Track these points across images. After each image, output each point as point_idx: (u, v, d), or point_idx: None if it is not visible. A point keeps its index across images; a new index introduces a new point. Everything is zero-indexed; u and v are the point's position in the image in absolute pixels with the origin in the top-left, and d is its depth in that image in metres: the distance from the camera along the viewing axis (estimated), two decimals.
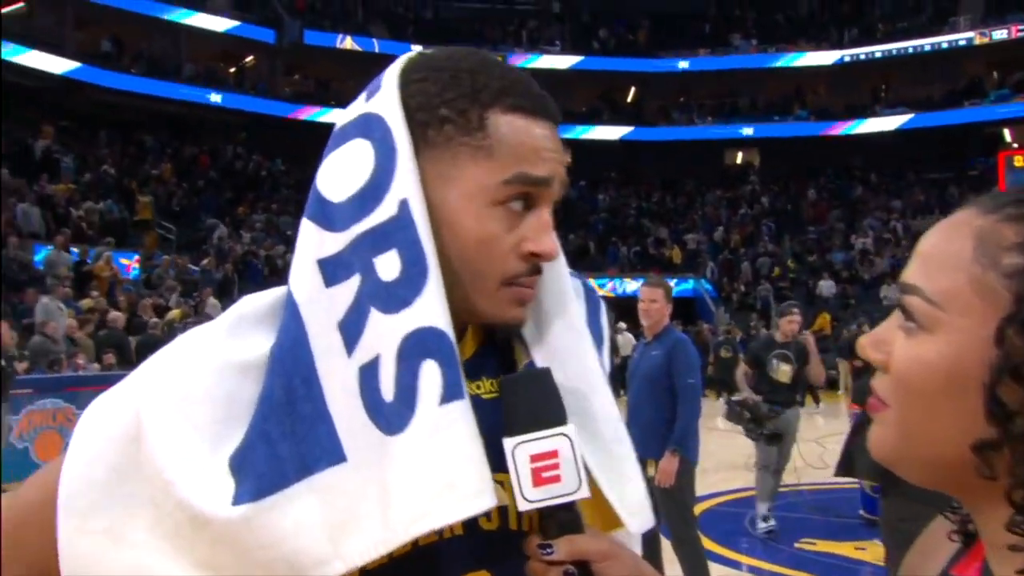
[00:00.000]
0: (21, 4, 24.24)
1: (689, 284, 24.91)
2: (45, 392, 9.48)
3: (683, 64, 30.69)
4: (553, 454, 0.73)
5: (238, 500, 0.70)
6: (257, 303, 0.83)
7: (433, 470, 0.71)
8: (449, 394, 0.73)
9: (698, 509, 6.04)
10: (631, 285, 22.00)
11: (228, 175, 25.29)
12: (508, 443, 0.73)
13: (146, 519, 0.72)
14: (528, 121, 0.81)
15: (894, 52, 28.77)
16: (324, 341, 0.76)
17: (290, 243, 14.73)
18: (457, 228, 0.79)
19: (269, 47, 28.44)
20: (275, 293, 0.83)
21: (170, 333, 12.31)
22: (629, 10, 32.93)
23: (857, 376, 16.50)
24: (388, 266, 0.75)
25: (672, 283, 24.43)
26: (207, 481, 0.71)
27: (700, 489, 5.38)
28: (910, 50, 28.42)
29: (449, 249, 0.79)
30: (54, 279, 13.51)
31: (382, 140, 0.79)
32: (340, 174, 0.80)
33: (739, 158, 32.67)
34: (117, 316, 12.29)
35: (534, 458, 0.73)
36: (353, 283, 0.76)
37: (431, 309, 0.74)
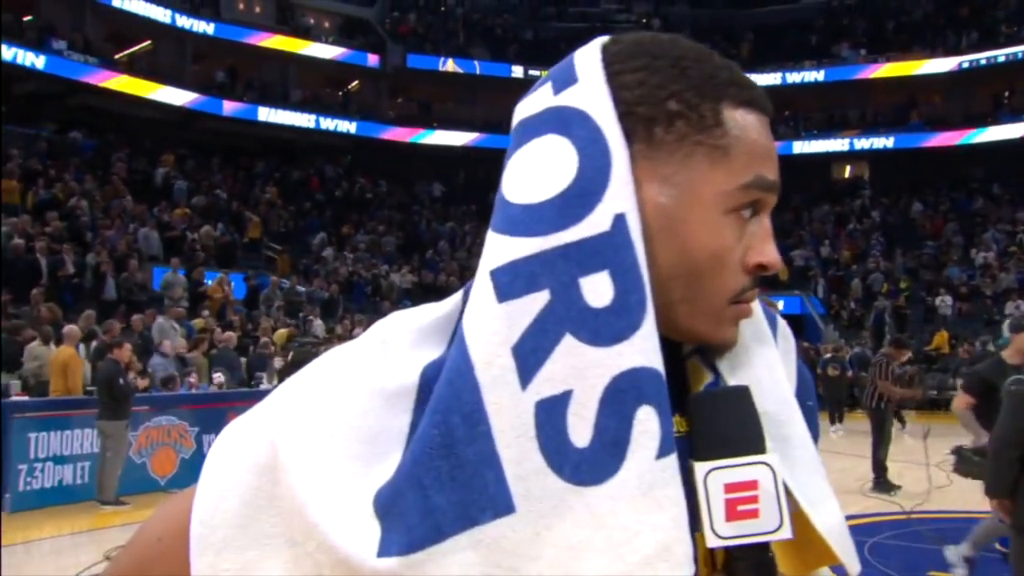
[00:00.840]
0: (147, 42, 25.70)
1: (796, 301, 24.17)
2: (162, 409, 9.87)
3: (788, 77, 29.94)
4: (752, 485, 0.63)
5: (384, 551, 0.62)
6: (412, 318, 0.74)
7: (646, 532, 0.62)
8: (666, 447, 0.63)
9: None
10: None
11: (333, 197, 26.03)
12: (700, 468, 0.64)
13: (283, 560, 0.65)
14: (757, 117, 0.72)
15: (1020, 55, 27.28)
16: (493, 368, 0.64)
17: (393, 263, 15.12)
18: (689, 240, 0.69)
19: (373, 71, 29.22)
20: (429, 312, 0.75)
21: (281, 353, 12.68)
22: (731, 23, 32.40)
23: None
24: (597, 290, 0.65)
25: (779, 301, 23.80)
26: (353, 524, 0.63)
27: None
28: None
29: (675, 265, 0.69)
30: (170, 300, 14.12)
31: (589, 140, 0.68)
32: (527, 173, 0.69)
33: (847, 172, 31.58)
34: (228, 336, 12.72)
35: (729, 488, 0.63)
36: (537, 300, 0.65)
37: (650, 347, 0.64)
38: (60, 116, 21.65)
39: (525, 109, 0.73)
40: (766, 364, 0.77)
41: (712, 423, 0.66)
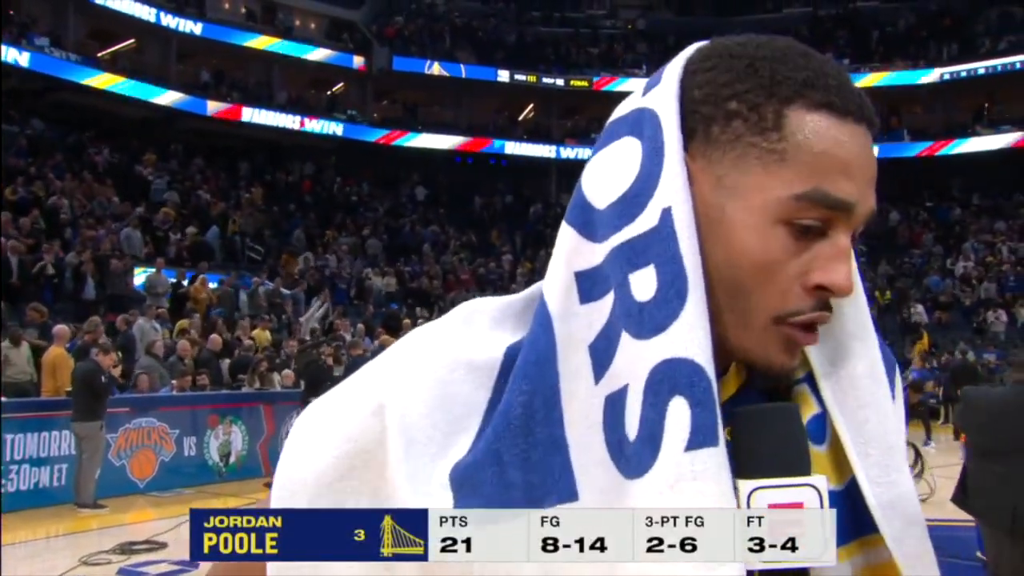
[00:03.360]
0: (131, 40, 25.50)
1: None
2: (141, 411, 9.75)
3: None
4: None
5: None
6: (492, 302, 0.76)
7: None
8: (697, 439, 0.61)
9: None
10: None
11: (317, 199, 25.91)
12: (744, 486, 0.62)
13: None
14: (836, 124, 0.66)
15: (999, 68, 27.61)
16: (572, 361, 0.67)
17: (375, 266, 14.98)
18: (733, 245, 0.66)
19: (359, 74, 29.12)
20: (511, 297, 0.77)
21: (263, 354, 12.55)
22: (715, 31, 32.30)
23: None
24: (643, 284, 0.65)
25: None
26: (424, 495, 0.64)
27: None
28: (1017, 65, 27.20)
29: (720, 270, 0.66)
30: (153, 300, 13.97)
31: (652, 138, 0.68)
32: (604, 177, 0.70)
33: None
34: (214, 338, 12.58)
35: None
36: (608, 301, 0.67)
37: (688, 338, 0.62)
38: (41, 113, 21.42)
39: (618, 110, 0.74)
40: (871, 394, 0.72)
41: (759, 440, 0.64)
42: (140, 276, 15.58)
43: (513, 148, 29.92)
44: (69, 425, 8.59)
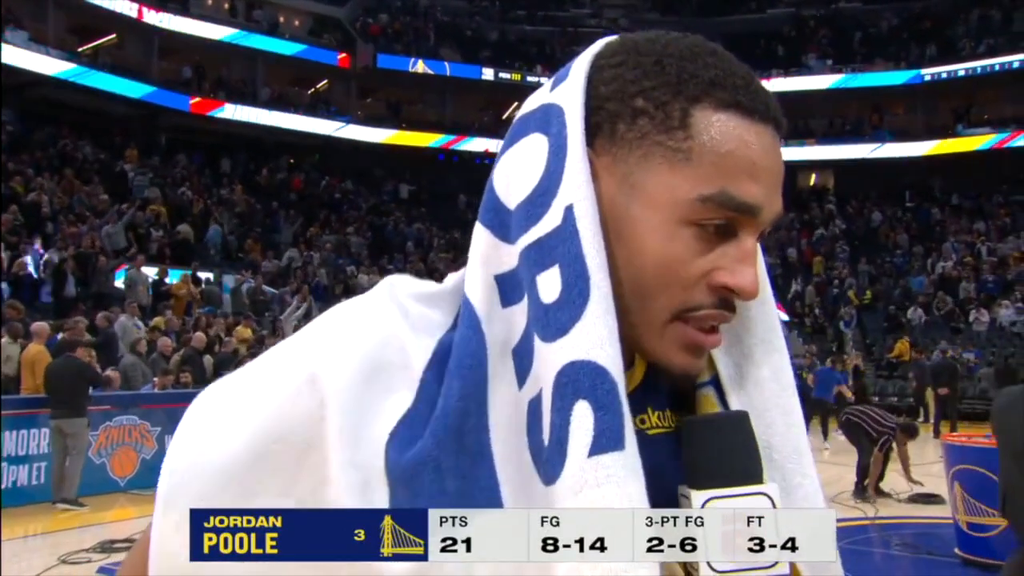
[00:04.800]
0: (112, 36, 25.31)
1: None
2: (123, 409, 9.68)
3: None
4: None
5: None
6: (415, 284, 0.74)
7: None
8: (601, 444, 0.59)
9: None
10: None
11: (301, 197, 25.81)
12: (697, 497, 0.61)
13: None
14: (743, 124, 0.65)
15: (978, 70, 27.89)
16: (499, 367, 0.66)
17: (360, 264, 14.96)
18: (637, 245, 0.65)
19: (343, 71, 29.03)
20: (434, 286, 0.75)
21: (247, 352, 12.49)
22: (700, 32, 32.40)
23: (944, 403, 15.80)
24: (549, 285, 0.64)
25: None
26: (360, 492, 0.63)
27: None
28: (996, 67, 27.48)
29: (624, 269, 0.66)
30: (133, 298, 13.86)
31: (557, 135, 0.67)
32: (513, 176, 0.69)
33: (812, 180, 31.97)
34: (199, 336, 12.49)
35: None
36: (525, 305, 0.66)
37: (589, 339, 0.61)
38: (20, 109, 21.22)
39: (525, 106, 0.72)
40: (776, 393, 0.73)
41: (710, 450, 0.63)
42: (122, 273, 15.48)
43: (497, 146, 29.67)
44: (48, 423, 8.52)
